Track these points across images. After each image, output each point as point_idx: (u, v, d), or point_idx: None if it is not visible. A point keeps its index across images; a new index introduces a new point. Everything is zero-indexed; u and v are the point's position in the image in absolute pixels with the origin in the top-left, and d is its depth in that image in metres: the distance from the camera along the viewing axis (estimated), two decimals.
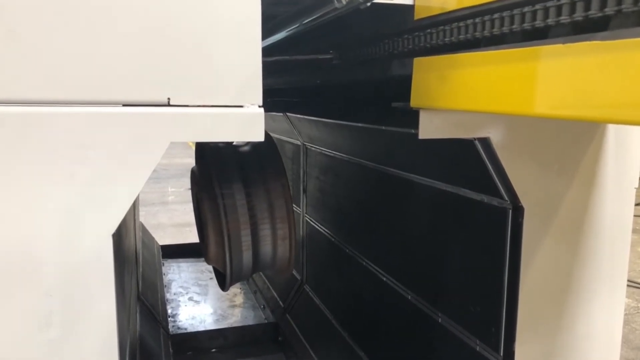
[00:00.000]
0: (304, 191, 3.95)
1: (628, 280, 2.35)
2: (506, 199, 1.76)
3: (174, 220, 8.82)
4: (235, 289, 4.95)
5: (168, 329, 3.84)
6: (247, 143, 3.40)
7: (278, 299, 4.23)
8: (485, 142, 1.63)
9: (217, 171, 3.23)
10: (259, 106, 1.39)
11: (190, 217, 9.39)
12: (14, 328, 1.29)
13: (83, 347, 1.34)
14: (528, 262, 1.74)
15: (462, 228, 2.07)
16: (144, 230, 5.57)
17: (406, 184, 2.44)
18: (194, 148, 3.67)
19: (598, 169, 1.77)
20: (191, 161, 3.70)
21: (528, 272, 1.75)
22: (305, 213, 3.97)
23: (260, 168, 3.31)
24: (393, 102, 1.69)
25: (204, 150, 3.30)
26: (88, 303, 1.33)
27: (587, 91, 0.92)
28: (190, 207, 10.39)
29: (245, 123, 1.37)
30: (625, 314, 5.18)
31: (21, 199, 1.26)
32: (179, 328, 4.08)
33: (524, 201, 1.70)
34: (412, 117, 1.58)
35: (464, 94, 1.28)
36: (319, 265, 3.80)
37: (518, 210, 1.72)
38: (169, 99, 1.31)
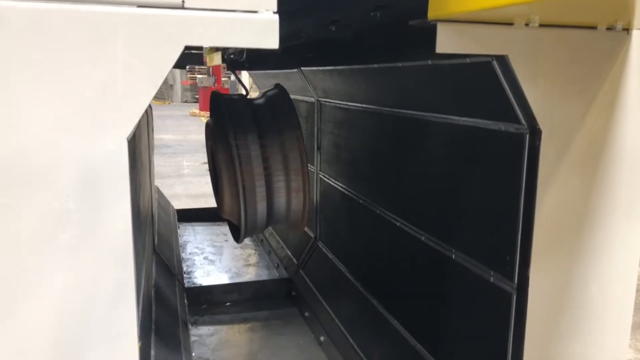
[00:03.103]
0: (318, 148, 3.94)
1: None
2: (523, 123, 1.73)
3: (189, 192, 8.89)
4: (249, 250, 4.99)
5: (183, 283, 3.89)
6: (262, 95, 3.40)
7: (292, 257, 4.25)
8: (503, 61, 1.60)
9: (232, 122, 3.23)
10: (274, 12, 1.37)
11: (205, 189, 9.51)
12: (33, 228, 1.31)
13: (100, 250, 1.36)
14: (544, 187, 1.72)
15: (477, 161, 2.05)
16: (160, 194, 5.63)
17: (421, 125, 2.42)
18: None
19: (620, 94, 1.73)
20: (204, 137, 3.70)
21: (544, 198, 1.73)
22: (320, 170, 3.97)
23: (274, 120, 3.30)
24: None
25: (218, 102, 3.30)
26: (104, 206, 1.35)
27: None
28: (205, 179, 10.49)
29: (260, 29, 1.36)
30: None
31: (37, 99, 1.27)
32: (193, 283, 4.13)
33: (542, 124, 1.67)
34: (428, 46, 1.53)
35: None
36: (333, 221, 3.80)
37: (535, 134, 1.69)
38: (182, 1, 1.31)
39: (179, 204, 7.42)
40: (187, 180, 9.69)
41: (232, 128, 3.17)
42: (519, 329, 1.84)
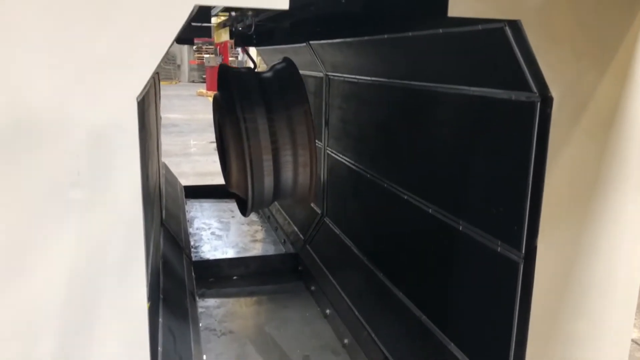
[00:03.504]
0: (326, 124, 3.93)
1: None
2: (535, 91, 1.71)
3: (196, 170, 8.92)
4: (256, 226, 5.02)
5: (190, 256, 3.92)
6: (270, 68, 3.38)
7: (298, 233, 4.27)
8: (516, 26, 1.58)
9: (240, 96, 3.22)
10: None
11: (212, 167, 9.54)
12: (45, 186, 1.32)
13: (110, 209, 1.37)
14: (554, 157, 1.71)
15: (487, 132, 2.03)
16: (167, 170, 5.65)
17: (430, 96, 2.40)
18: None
19: (634, 62, 1.70)
20: (211, 117, 3.69)
21: (554, 168, 1.72)
22: (327, 146, 3.96)
23: (282, 94, 3.29)
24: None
25: (226, 76, 3.29)
26: (113, 166, 1.35)
27: None
28: (212, 158, 10.50)
29: None
30: None
31: (47, 57, 1.26)
32: (201, 257, 4.17)
33: (553, 91, 1.65)
34: (440, 13, 1.51)
35: None
36: (340, 196, 3.81)
37: (547, 102, 1.68)
38: None
39: (186, 182, 7.44)
40: (194, 159, 9.72)
41: (240, 101, 3.16)
42: (525, 298, 1.85)
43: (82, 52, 1.27)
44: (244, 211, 3.49)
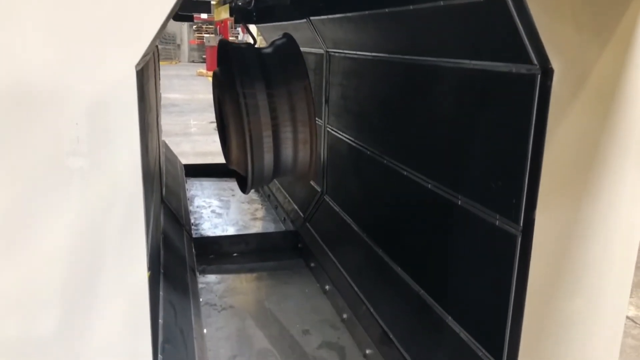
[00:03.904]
0: (326, 101, 3.92)
1: None
2: (535, 63, 1.71)
3: (197, 150, 8.91)
4: (256, 205, 5.03)
5: (191, 233, 3.94)
6: (271, 44, 3.36)
7: (298, 211, 4.29)
8: None
9: (240, 71, 3.20)
10: None
11: (212, 147, 9.52)
12: (44, 154, 1.32)
13: (110, 178, 1.37)
14: (554, 129, 1.71)
15: (487, 106, 2.03)
16: (167, 148, 5.65)
17: (431, 71, 2.39)
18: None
19: (635, 35, 1.69)
20: (211, 97, 3.68)
21: (553, 141, 1.72)
22: (327, 124, 3.95)
23: (282, 70, 3.27)
24: None
25: (226, 52, 3.27)
26: (113, 135, 1.36)
27: None
28: (212, 138, 10.47)
29: None
30: None
31: (45, 22, 1.26)
32: (201, 234, 4.19)
33: (554, 63, 1.64)
34: None
35: None
36: (340, 174, 3.81)
37: (547, 74, 1.67)
38: None
39: (186, 161, 7.45)
40: (195, 139, 9.70)
41: (240, 77, 3.14)
42: (522, 272, 1.86)
43: (81, 19, 1.26)
44: (244, 188, 3.50)
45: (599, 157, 1.78)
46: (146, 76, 2.50)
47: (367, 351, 2.68)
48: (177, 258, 3.23)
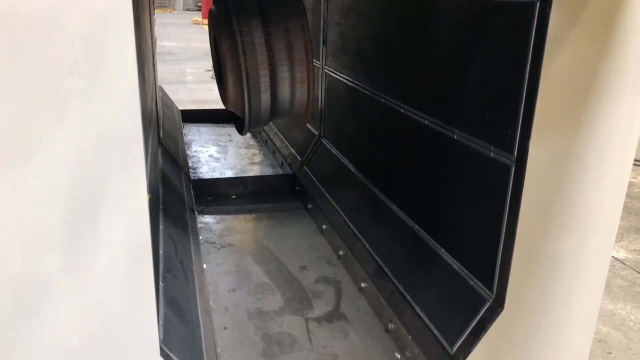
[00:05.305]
0: (324, 42, 3.87)
1: None
2: None
3: (193, 98, 8.84)
4: (254, 150, 5.05)
5: (189, 175, 3.97)
6: None
7: (296, 154, 4.31)
8: None
9: (236, 8, 3.15)
10: None
11: (209, 95, 9.44)
12: (42, 73, 1.32)
13: (108, 97, 1.38)
14: (551, 58, 1.70)
15: (484, 37, 2.02)
16: (164, 93, 5.60)
17: (429, 3, 2.36)
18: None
19: None
20: (207, 45, 3.61)
21: (550, 70, 1.72)
22: (325, 65, 3.91)
23: (279, 7, 3.21)
24: None
25: None
26: (109, 54, 1.35)
27: None
28: (208, 86, 10.38)
29: None
30: None
31: None
32: (199, 177, 4.23)
33: None
34: None
35: None
36: (337, 116, 3.81)
37: (546, 1, 1.65)
38: None
39: (183, 109, 7.42)
40: (191, 87, 9.61)
41: (236, 14, 3.09)
42: (515, 203, 1.90)
43: None
44: (241, 129, 3.50)
45: (595, 88, 1.78)
46: (141, 8, 2.46)
47: (362, 284, 2.76)
48: (176, 197, 3.27)
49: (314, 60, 3.75)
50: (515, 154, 1.86)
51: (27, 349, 1.46)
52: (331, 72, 3.79)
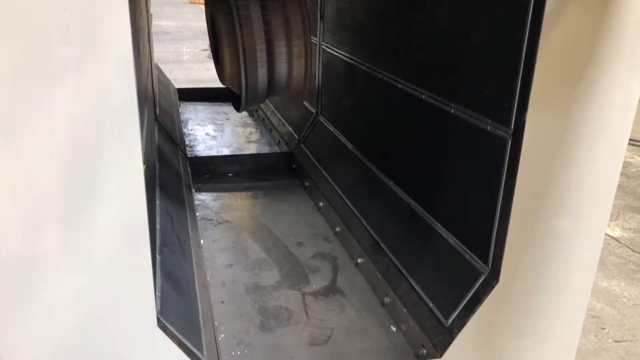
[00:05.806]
0: (321, 18, 3.83)
1: None
2: None
3: (189, 77, 8.79)
4: (251, 128, 5.03)
5: (185, 152, 3.96)
6: None
7: (293, 132, 4.30)
8: None
9: None
10: None
11: (205, 74, 9.37)
12: (35, 41, 1.30)
13: (102, 64, 1.36)
14: (549, 29, 1.69)
15: (481, 11, 2.00)
16: (160, 71, 5.56)
17: None
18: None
19: None
20: (204, 24, 3.55)
21: (548, 41, 1.70)
22: (322, 41, 3.88)
23: None
24: None
25: None
26: (103, 21, 1.34)
27: None
28: (205, 66, 10.30)
29: None
30: None
31: None
32: (196, 155, 4.22)
33: None
34: None
35: None
36: (334, 93, 3.79)
37: None
38: None
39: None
40: (187, 66, 9.55)
41: None
42: (510, 176, 1.90)
43: None
44: (238, 106, 3.48)
45: (592, 60, 1.77)
46: None
47: (359, 260, 2.78)
48: (173, 174, 3.26)
49: (312, 37, 3.72)
50: (512, 127, 1.86)
51: (25, 324, 1.46)
52: (329, 48, 3.76)
